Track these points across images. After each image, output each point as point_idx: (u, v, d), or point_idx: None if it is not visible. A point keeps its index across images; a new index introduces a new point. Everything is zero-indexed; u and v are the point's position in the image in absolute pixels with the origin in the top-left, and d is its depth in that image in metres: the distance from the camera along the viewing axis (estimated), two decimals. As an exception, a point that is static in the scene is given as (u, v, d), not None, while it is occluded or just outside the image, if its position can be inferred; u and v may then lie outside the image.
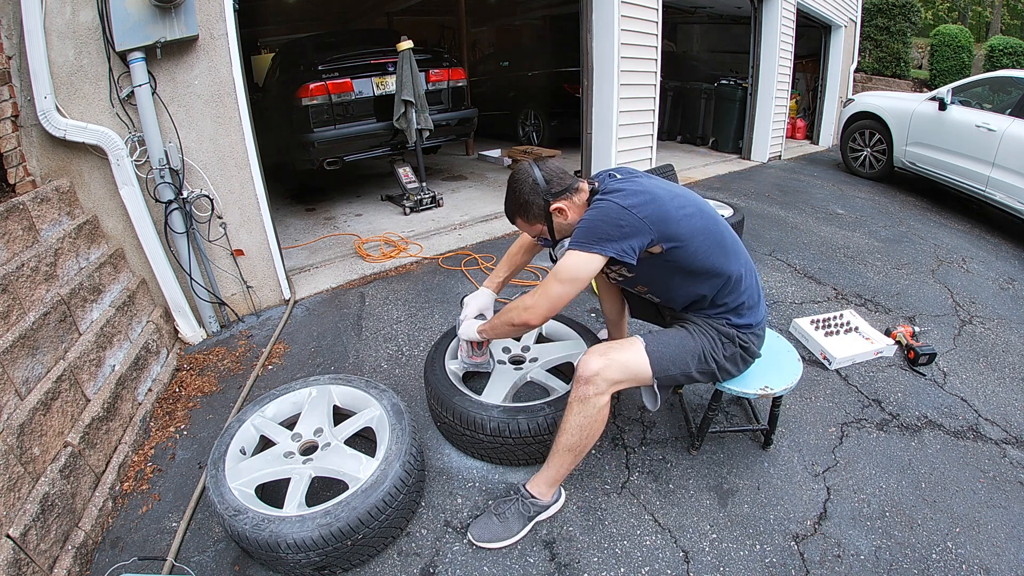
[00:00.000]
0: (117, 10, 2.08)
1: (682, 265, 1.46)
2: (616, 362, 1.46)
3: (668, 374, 1.52)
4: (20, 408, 1.52)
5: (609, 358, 1.46)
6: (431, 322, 2.73)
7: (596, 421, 1.47)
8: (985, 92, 4.80)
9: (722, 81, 6.85)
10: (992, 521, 1.66)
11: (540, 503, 1.59)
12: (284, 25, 8.19)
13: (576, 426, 1.47)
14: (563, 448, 1.50)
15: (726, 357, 1.55)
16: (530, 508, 1.58)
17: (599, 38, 4.20)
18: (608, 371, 1.44)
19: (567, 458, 1.52)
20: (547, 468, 1.56)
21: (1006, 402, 2.22)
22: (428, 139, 4.49)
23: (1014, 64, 9.42)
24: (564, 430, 1.49)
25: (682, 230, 1.40)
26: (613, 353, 1.48)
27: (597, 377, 1.43)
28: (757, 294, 1.59)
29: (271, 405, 1.80)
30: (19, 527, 1.33)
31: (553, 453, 1.53)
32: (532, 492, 1.58)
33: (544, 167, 1.53)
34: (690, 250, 1.43)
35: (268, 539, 1.33)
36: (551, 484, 1.58)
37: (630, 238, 1.36)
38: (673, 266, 1.47)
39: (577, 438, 1.48)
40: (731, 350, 1.56)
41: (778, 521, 1.64)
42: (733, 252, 1.51)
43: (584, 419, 1.46)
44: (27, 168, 2.13)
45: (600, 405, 1.45)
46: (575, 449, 1.50)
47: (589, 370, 1.44)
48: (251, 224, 2.74)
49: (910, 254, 3.70)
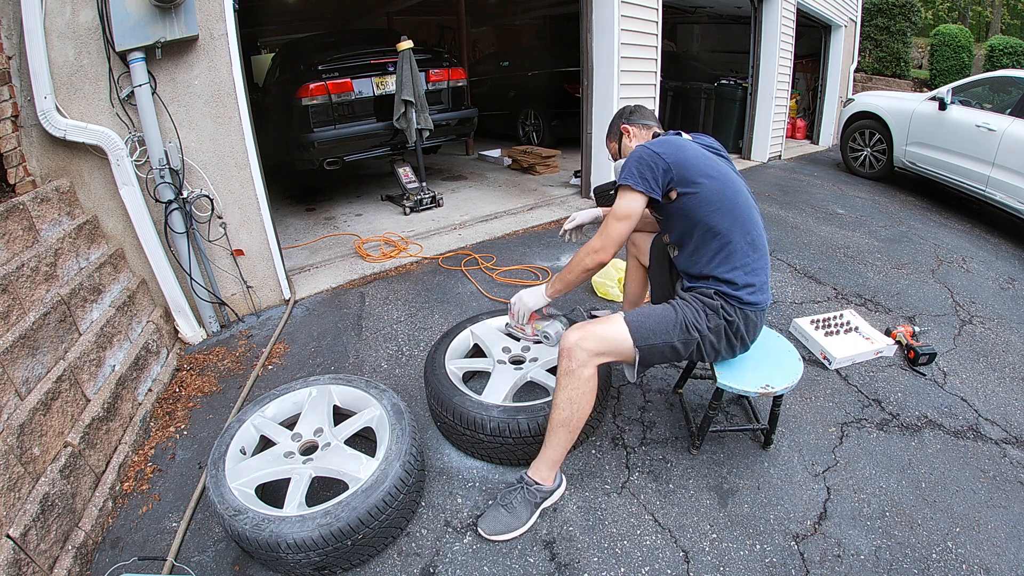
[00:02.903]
0: (117, 10, 2.08)
1: (689, 214, 1.58)
2: (593, 334, 1.54)
3: (649, 343, 1.55)
4: (20, 408, 1.52)
5: (586, 330, 1.55)
6: (431, 322, 2.73)
7: (584, 393, 1.53)
8: (985, 92, 4.79)
9: (722, 81, 6.84)
10: (992, 521, 1.66)
11: (544, 488, 1.62)
12: (284, 25, 8.19)
13: (566, 400, 1.53)
14: (557, 424, 1.56)
15: (709, 328, 1.58)
16: (535, 495, 1.61)
17: (599, 38, 4.20)
18: (585, 342, 1.52)
19: (562, 434, 1.57)
20: (545, 450, 1.61)
21: (1006, 402, 2.22)
22: (428, 139, 4.49)
23: (1014, 64, 9.42)
24: (555, 406, 1.56)
25: (697, 181, 1.55)
26: (590, 326, 1.57)
27: (576, 348, 1.51)
28: (757, 275, 1.61)
29: (271, 405, 1.80)
30: (19, 527, 1.33)
31: (549, 433, 1.59)
32: (535, 479, 1.61)
33: (640, 107, 1.91)
34: (698, 201, 1.56)
35: (268, 539, 1.33)
36: (551, 467, 1.62)
37: (655, 174, 1.55)
38: (683, 214, 1.60)
39: (568, 412, 1.54)
40: (715, 321, 1.58)
41: (778, 521, 1.64)
42: (739, 222, 1.58)
43: (572, 392, 1.53)
44: (27, 168, 2.13)
45: (585, 376, 1.52)
46: (568, 424, 1.55)
47: (568, 342, 1.53)
48: (251, 224, 2.74)
49: (910, 254, 3.70)
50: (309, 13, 8.13)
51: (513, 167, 6.05)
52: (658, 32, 4.54)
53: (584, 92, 4.41)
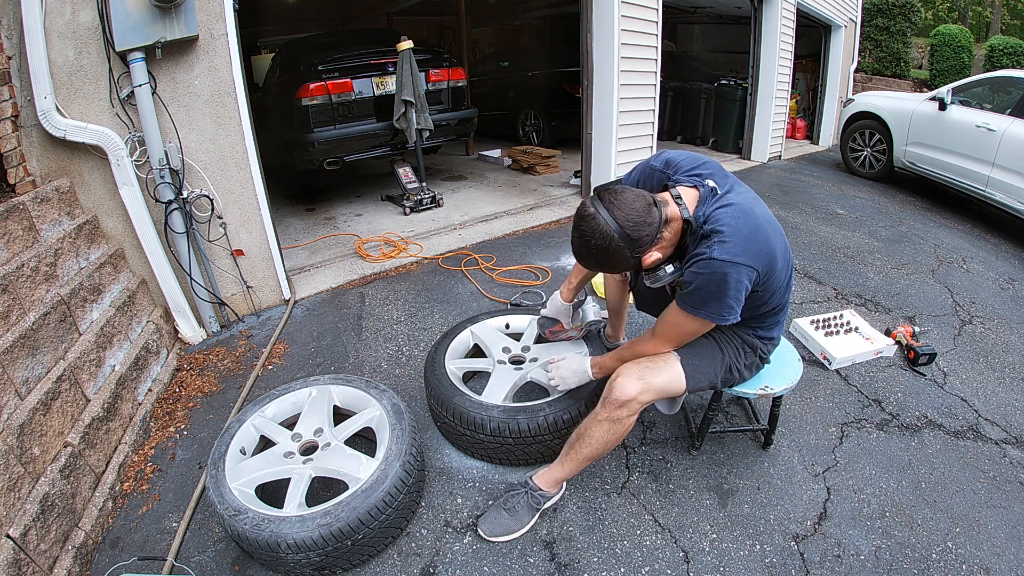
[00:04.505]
0: (117, 10, 2.08)
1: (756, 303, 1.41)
2: (654, 386, 1.47)
3: (698, 384, 1.54)
4: (20, 408, 1.52)
5: (646, 382, 1.45)
6: (431, 322, 2.73)
7: (620, 436, 1.51)
8: (985, 92, 4.79)
9: (722, 81, 6.84)
10: (992, 521, 1.66)
11: (547, 494, 1.63)
12: (284, 25, 8.19)
13: (602, 441, 1.51)
14: (583, 457, 1.54)
15: (746, 366, 1.59)
16: (539, 500, 1.62)
17: (599, 38, 4.20)
18: (644, 395, 1.46)
19: (583, 464, 1.58)
20: (560, 467, 1.59)
21: (1006, 402, 2.22)
22: (428, 139, 4.49)
23: (1014, 64, 9.42)
24: (588, 442, 1.51)
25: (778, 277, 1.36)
26: (650, 376, 1.46)
27: (633, 402, 1.45)
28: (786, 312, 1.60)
29: (271, 405, 1.80)
30: (19, 527, 1.33)
31: (570, 458, 1.56)
32: (540, 486, 1.61)
33: (617, 211, 1.22)
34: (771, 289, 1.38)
35: (268, 539, 1.33)
36: (558, 482, 1.63)
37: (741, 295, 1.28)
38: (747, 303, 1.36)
39: (599, 450, 1.53)
40: (751, 359, 1.59)
41: (778, 521, 1.64)
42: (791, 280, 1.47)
43: (612, 436, 1.50)
44: (27, 168, 2.13)
45: (630, 424, 1.50)
46: (593, 458, 1.55)
47: (626, 395, 1.44)
48: (251, 224, 2.74)
49: (910, 254, 3.70)
50: (309, 13, 8.13)
51: (513, 167, 6.05)
52: (658, 32, 4.54)
53: (584, 92, 4.41)
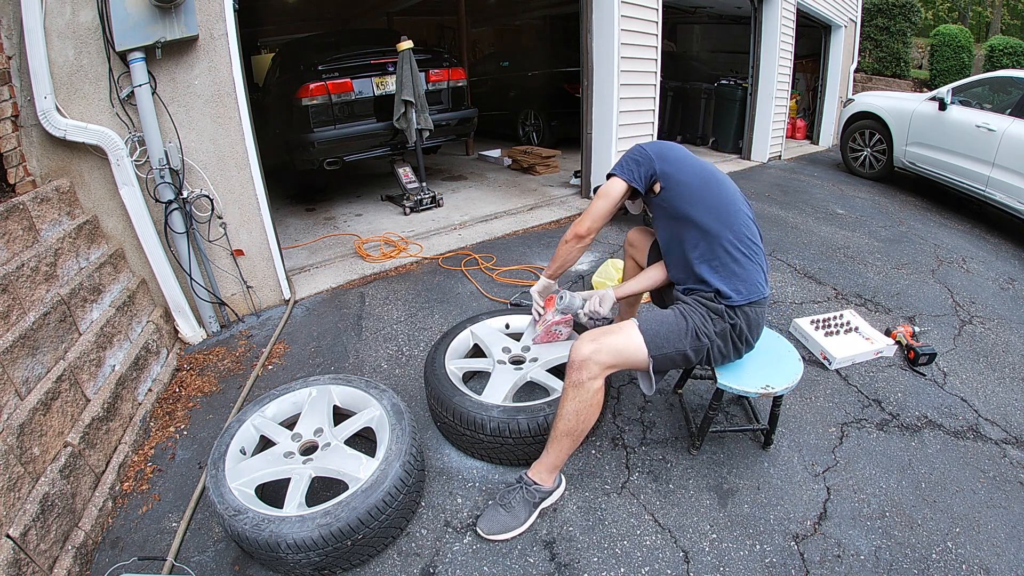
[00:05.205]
0: (117, 10, 2.08)
1: (673, 209, 1.65)
2: (607, 345, 1.51)
3: (663, 352, 1.55)
4: (20, 408, 1.52)
5: (600, 342, 1.51)
6: (431, 322, 2.73)
7: (591, 405, 1.52)
8: (985, 92, 4.79)
9: (722, 81, 6.84)
10: (992, 521, 1.66)
11: (543, 489, 1.62)
12: (284, 25, 8.19)
13: (572, 411, 1.52)
14: (561, 434, 1.55)
15: (716, 333, 1.59)
16: (535, 495, 1.61)
17: (599, 38, 4.20)
18: (599, 355, 1.49)
19: (565, 443, 1.56)
20: (547, 454, 1.60)
21: (1006, 402, 2.22)
22: (428, 139, 4.49)
23: (1014, 64, 9.42)
24: (561, 416, 1.54)
25: (677, 174, 1.65)
26: (604, 337, 1.53)
27: (588, 362, 1.48)
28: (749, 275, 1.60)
29: (271, 405, 1.80)
30: (19, 527, 1.33)
31: (552, 439, 1.58)
32: (534, 479, 1.61)
33: None
34: (679, 194, 1.64)
35: (268, 539, 1.33)
36: (552, 470, 1.62)
37: (639, 167, 1.68)
38: (666, 209, 1.68)
39: (574, 423, 1.53)
40: (720, 325, 1.59)
41: (778, 521, 1.64)
42: (721, 215, 1.61)
43: (579, 404, 1.51)
44: (27, 168, 2.13)
45: (594, 389, 1.50)
46: (572, 433, 1.55)
47: (580, 355, 1.50)
48: (251, 224, 2.74)
49: (910, 254, 3.70)
50: (309, 13, 8.13)
51: (513, 167, 6.05)
52: (658, 32, 4.54)
53: (584, 92, 4.41)
